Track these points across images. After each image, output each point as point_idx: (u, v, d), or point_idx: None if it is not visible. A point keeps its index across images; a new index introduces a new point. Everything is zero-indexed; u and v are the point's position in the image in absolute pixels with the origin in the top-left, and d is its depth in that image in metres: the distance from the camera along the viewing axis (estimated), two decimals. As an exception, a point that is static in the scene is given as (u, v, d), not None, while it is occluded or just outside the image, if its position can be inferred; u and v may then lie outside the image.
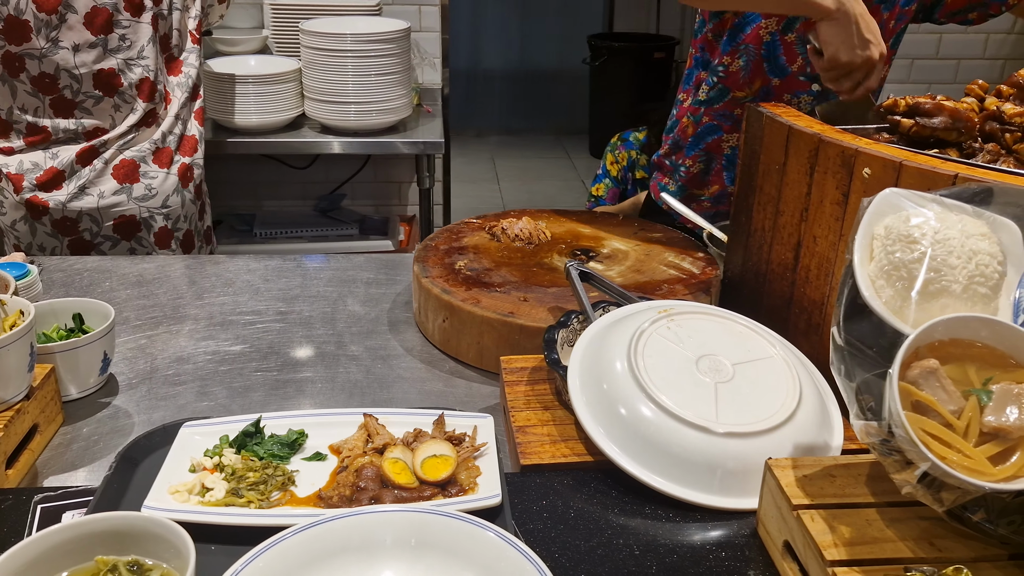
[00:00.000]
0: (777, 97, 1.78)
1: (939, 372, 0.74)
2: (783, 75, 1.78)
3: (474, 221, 1.71)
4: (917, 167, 1.05)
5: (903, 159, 1.07)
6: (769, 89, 1.79)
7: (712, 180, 1.92)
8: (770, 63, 1.78)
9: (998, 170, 1.07)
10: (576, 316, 1.26)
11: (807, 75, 1.77)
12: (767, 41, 1.76)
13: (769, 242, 1.34)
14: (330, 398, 1.29)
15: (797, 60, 1.76)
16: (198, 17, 2.24)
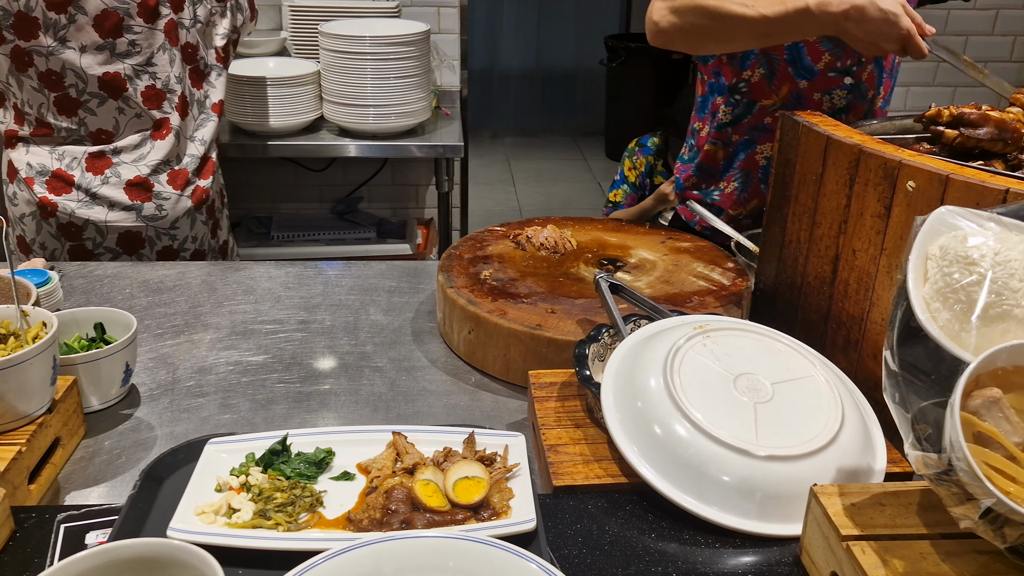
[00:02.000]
0: (808, 98, 1.75)
1: (1002, 402, 0.71)
2: (811, 76, 1.74)
3: (498, 229, 1.68)
4: (965, 180, 1.02)
5: (950, 172, 1.04)
6: (799, 93, 1.75)
7: (750, 196, 1.88)
8: (796, 67, 1.74)
9: (1049, 184, 1.03)
10: (607, 330, 1.23)
11: (837, 70, 1.73)
12: (789, 46, 1.72)
13: (805, 254, 1.30)
14: (354, 411, 1.26)
15: (823, 57, 1.72)
16: (226, 37, 2.21)
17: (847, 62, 1.74)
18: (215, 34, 2.20)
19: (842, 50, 1.72)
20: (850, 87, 1.75)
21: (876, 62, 1.75)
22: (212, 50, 2.20)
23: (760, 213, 1.86)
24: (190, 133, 2.15)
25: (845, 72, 1.74)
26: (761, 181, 1.86)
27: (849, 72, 1.74)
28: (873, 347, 1.17)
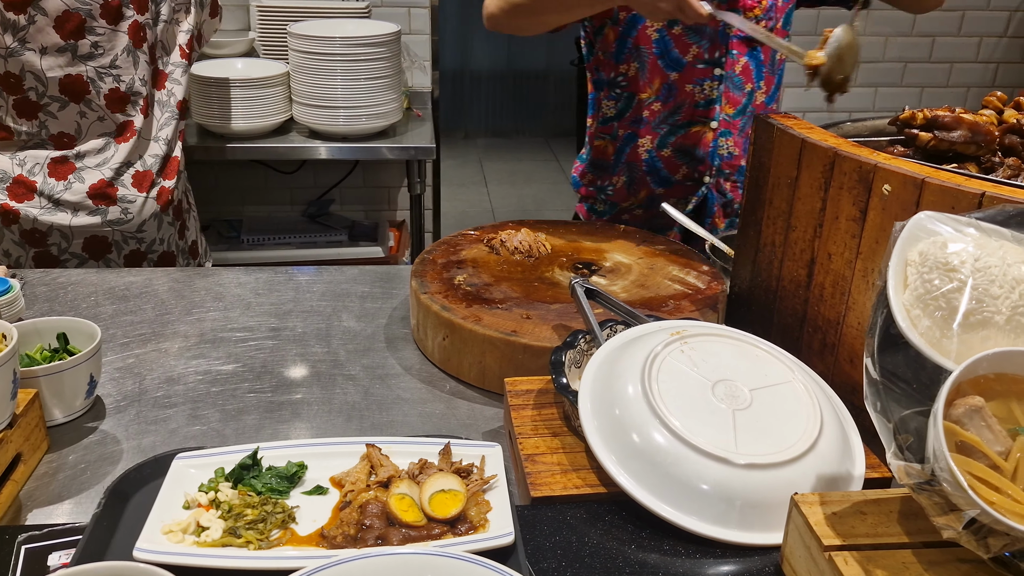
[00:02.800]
0: (680, 89, 1.80)
1: (984, 410, 0.70)
2: (680, 67, 1.80)
3: (471, 233, 1.66)
4: (940, 184, 1.02)
5: (926, 176, 1.04)
6: (671, 84, 1.81)
7: (638, 187, 1.93)
8: (665, 59, 1.80)
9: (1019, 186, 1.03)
10: (583, 336, 1.21)
11: (705, 61, 1.79)
12: (656, 39, 1.78)
13: (780, 258, 1.30)
14: (327, 421, 1.24)
15: (691, 49, 1.79)
16: (191, 32, 2.17)
17: (715, 54, 1.79)
18: (179, 31, 2.16)
19: (709, 42, 1.78)
20: (720, 78, 1.80)
21: (751, 55, 1.80)
22: (176, 48, 2.16)
23: (650, 200, 1.89)
24: (154, 133, 2.11)
25: (714, 63, 1.80)
26: (646, 173, 1.91)
27: (718, 63, 1.79)
28: (849, 351, 1.16)
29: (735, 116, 1.85)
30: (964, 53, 3.55)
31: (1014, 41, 3.55)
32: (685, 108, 1.83)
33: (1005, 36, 3.54)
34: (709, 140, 1.85)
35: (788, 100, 3.53)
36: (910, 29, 3.47)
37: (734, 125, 1.86)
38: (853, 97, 3.53)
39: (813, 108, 3.52)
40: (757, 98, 1.87)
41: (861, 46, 1.44)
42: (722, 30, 1.78)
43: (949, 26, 3.49)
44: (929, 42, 3.51)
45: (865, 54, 3.50)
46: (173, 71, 2.16)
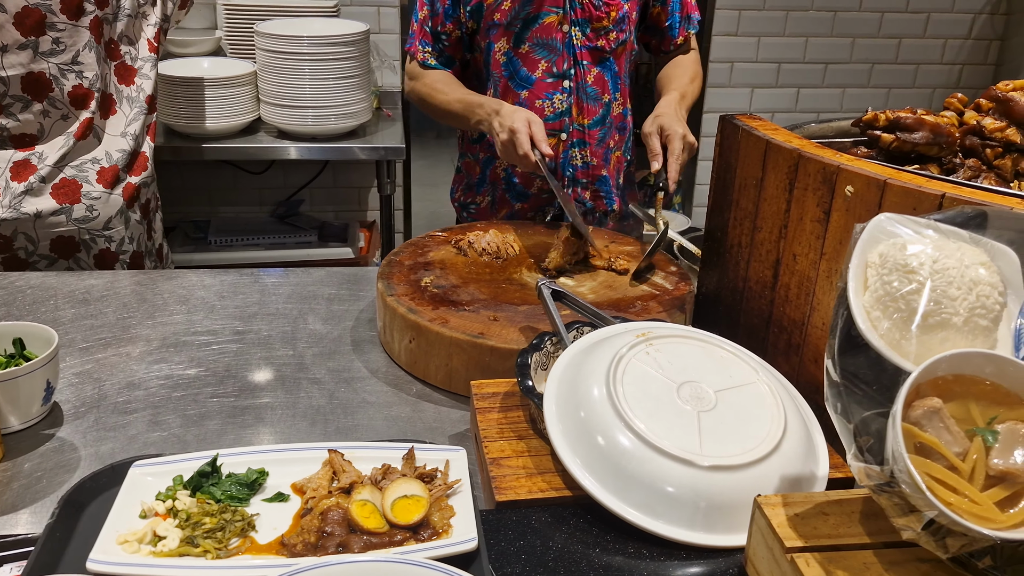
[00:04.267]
0: (530, 105, 1.84)
1: (942, 412, 0.70)
2: (530, 84, 1.85)
3: (439, 234, 1.65)
4: (902, 185, 1.02)
5: (887, 177, 1.04)
6: (521, 102, 1.85)
7: (500, 205, 1.99)
8: (514, 79, 1.85)
9: (984, 188, 1.04)
10: (550, 338, 1.21)
11: (554, 75, 1.84)
12: (504, 62, 1.84)
13: (746, 259, 1.30)
14: (291, 426, 1.22)
15: (540, 65, 1.84)
16: (158, 25, 2.14)
17: (563, 66, 1.84)
18: (146, 24, 2.13)
19: (557, 55, 1.83)
20: (570, 90, 1.85)
21: (603, 64, 1.86)
22: (144, 41, 2.13)
23: (510, 217, 1.96)
24: (122, 129, 2.08)
25: (563, 76, 1.85)
26: (505, 191, 1.99)
27: (567, 76, 1.85)
28: (814, 351, 1.17)
29: (592, 127, 1.88)
30: (929, 55, 3.59)
31: (978, 43, 3.60)
32: None
33: (969, 38, 3.59)
34: (559, 152, 1.88)
35: (758, 101, 3.55)
36: (876, 31, 3.51)
37: (591, 135, 1.89)
38: (820, 98, 3.57)
39: (781, 109, 3.54)
40: (614, 109, 1.92)
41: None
42: (569, 42, 1.81)
43: (914, 28, 3.53)
44: (895, 44, 3.55)
45: (832, 55, 3.53)
46: (142, 66, 2.12)
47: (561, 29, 1.83)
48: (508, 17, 1.82)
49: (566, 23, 1.82)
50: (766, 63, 3.48)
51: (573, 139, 1.89)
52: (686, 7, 1.95)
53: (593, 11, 1.82)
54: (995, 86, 1.25)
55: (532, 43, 1.84)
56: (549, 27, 1.83)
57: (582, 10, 1.82)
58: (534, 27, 1.83)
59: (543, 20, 1.83)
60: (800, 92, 3.56)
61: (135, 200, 2.07)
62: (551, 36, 1.83)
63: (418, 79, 1.92)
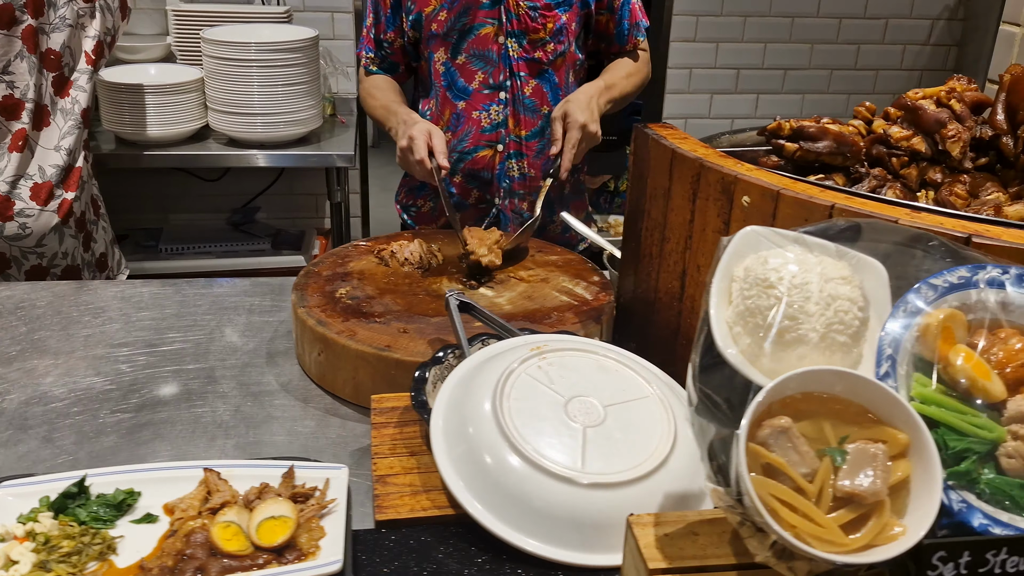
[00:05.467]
0: (467, 117, 1.85)
1: (791, 431, 0.68)
2: (468, 95, 1.86)
3: (362, 243, 1.63)
4: (795, 196, 1.01)
5: (781, 187, 1.03)
6: (459, 113, 1.86)
7: (439, 213, 2.01)
8: (452, 90, 1.86)
9: (877, 199, 1.03)
10: (452, 352, 1.18)
11: (491, 86, 1.84)
12: (443, 72, 1.85)
13: (657, 269, 1.28)
14: (190, 443, 1.20)
15: (476, 76, 1.84)
16: (97, 37, 2.10)
17: (500, 78, 1.84)
18: (84, 36, 2.10)
19: (493, 67, 1.83)
20: (506, 101, 1.85)
21: (542, 77, 1.86)
22: (82, 53, 2.10)
23: (447, 226, 1.96)
24: (55, 143, 2.04)
25: (499, 87, 1.84)
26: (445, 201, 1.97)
27: (503, 87, 1.84)
28: (719, 364, 1.15)
29: (530, 138, 1.87)
30: (889, 60, 3.59)
31: (937, 49, 3.60)
32: (472, 134, 1.86)
33: (928, 44, 3.59)
34: (496, 163, 1.87)
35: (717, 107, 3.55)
36: (835, 36, 3.51)
37: (529, 147, 1.88)
38: (780, 103, 3.57)
39: (740, 115, 3.54)
40: None
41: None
42: (505, 53, 1.80)
43: (873, 34, 3.53)
44: (854, 49, 3.55)
45: (792, 61, 3.53)
46: (78, 78, 2.09)
47: (497, 41, 1.82)
48: (445, 28, 1.81)
49: (502, 35, 1.81)
50: (725, 69, 3.48)
51: (510, 150, 1.88)
52: (634, 15, 1.93)
53: (529, 23, 1.81)
54: (905, 94, 1.23)
55: (469, 54, 1.83)
56: (485, 38, 1.82)
57: (518, 22, 1.80)
58: (470, 38, 1.82)
59: (479, 32, 1.82)
60: (760, 98, 3.55)
61: (70, 215, 2.04)
62: (487, 48, 1.82)
63: (361, 83, 1.96)
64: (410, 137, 1.66)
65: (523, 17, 1.80)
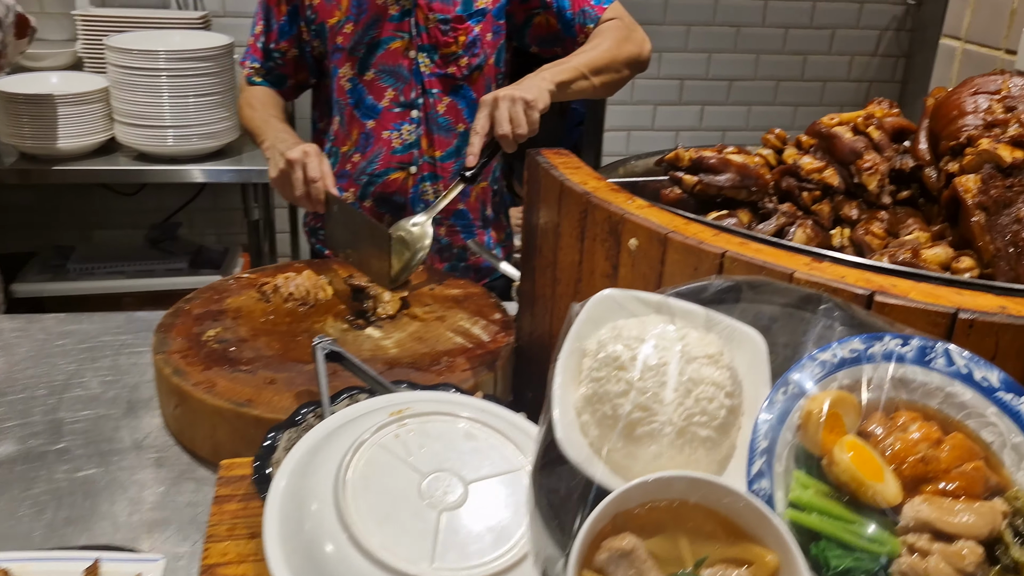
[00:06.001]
0: (376, 136, 1.72)
1: (636, 554, 0.56)
2: (377, 113, 1.72)
3: (245, 276, 1.48)
4: (682, 241, 0.88)
5: (670, 230, 0.90)
6: (368, 133, 1.73)
7: None
8: (360, 108, 1.72)
9: (777, 244, 0.91)
10: (312, 411, 1.05)
11: (401, 104, 1.71)
12: (349, 89, 1.71)
13: (550, 311, 1.15)
14: (11, 516, 1.05)
15: (387, 93, 1.71)
16: None
17: (411, 95, 1.70)
18: None
19: (403, 83, 1.69)
20: (419, 120, 1.72)
21: (456, 93, 1.72)
22: None
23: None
24: None
25: (410, 105, 1.71)
26: None
27: (415, 105, 1.71)
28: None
29: (445, 159, 1.74)
30: (836, 72, 3.51)
31: (885, 60, 3.53)
32: (383, 156, 1.73)
33: (876, 55, 3.52)
34: (409, 186, 1.74)
35: (661, 118, 3.44)
36: (781, 47, 3.42)
37: (444, 168, 1.75)
38: (725, 116, 3.47)
39: (685, 127, 3.44)
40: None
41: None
42: (416, 69, 1.67)
43: (820, 44, 3.45)
44: (801, 60, 3.46)
45: (737, 72, 3.44)
46: None
47: (407, 55, 1.68)
48: (351, 41, 1.67)
49: (412, 49, 1.68)
50: (668, 79, 3.38)
51: (424, 173, 1.74)
52: (577, 2, 1.72)
53: (440, 36, 1.67)
54: (820, 120, 1.12)
55: (377, 70, 1.69)
56: (395, 53, 1.68)
57: (428, 35, 1.67)
58: (379, 53, 1.68)
59: (388, 46, 1.68)
60: (704, 109, 3.46)
61: None
62: (397, 63, 1.68)
63: (241, 92, 1.81)
64: (289, 160, 1.48)
65: (433, 30, 1.67)
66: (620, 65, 1.73)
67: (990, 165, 0.96)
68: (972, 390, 0.67)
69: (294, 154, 1.47)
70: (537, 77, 1.55)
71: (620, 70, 1.74)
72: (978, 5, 2.03)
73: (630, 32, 1.78)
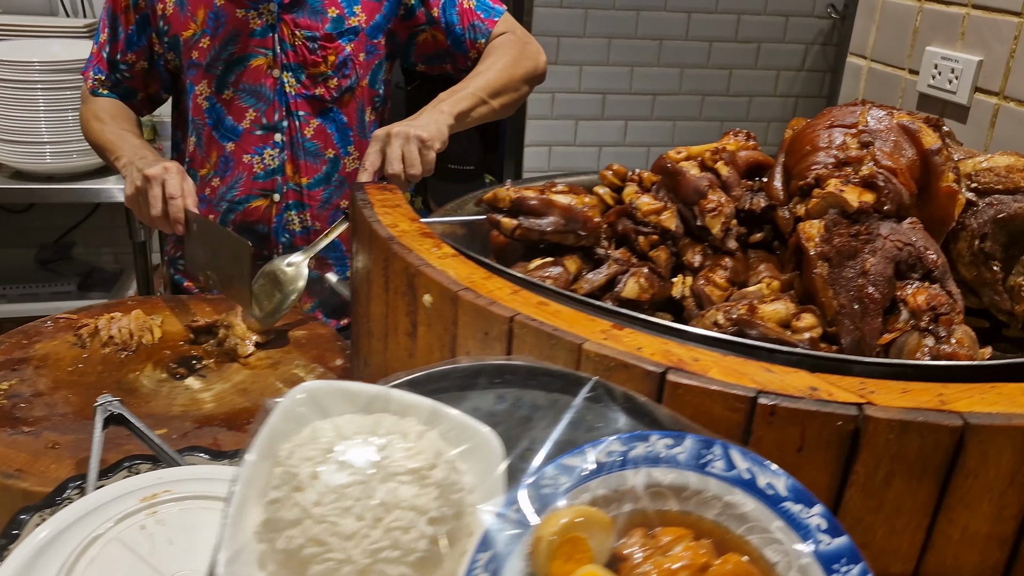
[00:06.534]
0: (237, 160, 1.58)
1: None
2: (237, 135, 1.59)
3: (64, 317, 1.34)
4: (472, 301, 0.76)
5: (462, 287, 0.78)
6: (227, 156, 1.59)
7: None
8: (219, 130, 1.59)
9: (583, 303, 0.79)
10: (78, 488, 0.91)
11: (263, 126, 1.58)
12: (207, 108, 1.57)
13: (371, 367, 1.03)
14: None
15: (247, 114, 1.57)
16: None
17: (274, 117, 1.57)
18: None
19: (266, 104, 1.56)
20: (282, 144, 1.59)
21: (325, 116, 1.59)
22: None
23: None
24: None
25: (273, 128, 1.58)
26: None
27: (278, 128, 1.58)
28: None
29: (313, 186, 1.61)
30: (762, 87, 3.44)
31: (812, 75, 3.47)
32: (243, 181, 1.59)
33: (803, 70, 3.46)
34: (273, 215, 1.61)
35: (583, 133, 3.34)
36: (706, 60, 3.34)
37: (312, 196, 1.62)
38: (650, 131, 3.38)
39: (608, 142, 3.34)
40: (346, 165, 1.63)
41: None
42: (280, 89, 1.55)
43: (745, 58, 3.37)
44: (726, 74, 3.39)
45: (660, 86, 3.35)
46: None
47: (271, 74, 1.54)
48: (208, 57, 1.53)
49: (276, 68, 1.54)
50: (590, 94, 3.28)
51: (288, 201, 1.60)
52: (467, 16, 1.62)
53: (308, 55, 1.54)
54: (667, 154, 1.01)
55: (238, 89, 1.55)
56: (257, 71, 1.54)
57: (295, 53, 1.54)
58: (239, 70, 1.54)
59: (249, 63, 1.54)
60: (628, 124, 3.36)
61: None
62: (260, 82, 1.55)
63: (85, 103, 1.64)
64: (146, 177, 1.35)
65: (300, 48, 1.54)
66: (518, 83, 1.63)
67: (835, 210, 0.86)
68: (755, 499, 0.56)
69: (153, 171, 1.33)
70: (435, 111, 1.43)
71: (519, 88, 1.64)
72: (883, 23, 1.95)
73: (524, 46, 1.67)
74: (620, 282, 0.91)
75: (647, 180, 0.99)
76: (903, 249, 0.84)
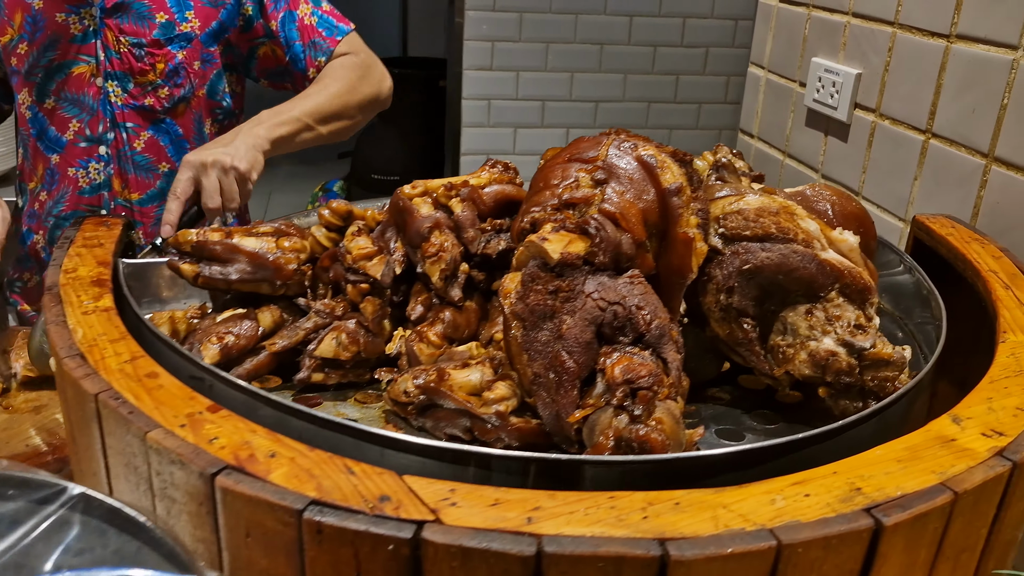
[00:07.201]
0: (63, 174, 1.50)
1: None
2: (61, 147, 1.50)
3: None
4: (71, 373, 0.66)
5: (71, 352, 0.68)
6: (53, 169, 1.51)
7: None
8: (43, 140, 1.50)
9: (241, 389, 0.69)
10: None
11: (88, 138, 1.49)
12: (30, 118, 1.50)
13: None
14: None
15: (70, 124, 1.49)
16: None
17: (99, 128, 1.48)
18: None
19: (89, 115, 1.47)
20: (108, 157, 1.50)
21: (157, 127, 1.50)
22: None
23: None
24: None
25: (98, 140, 1.49)
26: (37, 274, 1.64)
27: (102, 140, 1.49)
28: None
29: (145, 203, 1.52)
30: (711, 93, 3.30)
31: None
32: (69, 196, 1.50)
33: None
34: None
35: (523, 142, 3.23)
36: (651, 66, 3.21)
37: (145, 213, 1.52)
38: (591, 139, 3.25)
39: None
40: None
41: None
42: (104, 99, 1.46)
43: (693, 64, 3.24)
44: (672, 80, 3.25)
45: (603, 93, 3.23)
46: None
47: (94, 83, 1.46)
48: (26, 64, 1.45)
49: (99, 76, 1.45)
50: (528, 100, 3.16)
51: None
52: (307, 33, 1.52)
53: (134, 63, 1.45)
54: (402, 188, 0.90)
55: (59, 98, 1.47)
56: (79, 80, 1.45)
57: (120, 61, 1.45)
58: (59, 78, 1.46)
59: (71, 71, 1.45)
60: (570, 132, 3.24)
61: None
62: (82, 91, 1.46)
63: None
64: None
65: (125, 56, 1.45)
66: (353, 110, 1.52)
67: (535, 261, 0.75)
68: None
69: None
70: (250, 134, 1.34)
71: (353, 116, 1.53)
72: (778, 31, 1.82)
73: (367, 70, 1.56)
74: (316, 338, 0.81)
75: (371, 219, 0.89)
76: (607, 309, 0.73)
